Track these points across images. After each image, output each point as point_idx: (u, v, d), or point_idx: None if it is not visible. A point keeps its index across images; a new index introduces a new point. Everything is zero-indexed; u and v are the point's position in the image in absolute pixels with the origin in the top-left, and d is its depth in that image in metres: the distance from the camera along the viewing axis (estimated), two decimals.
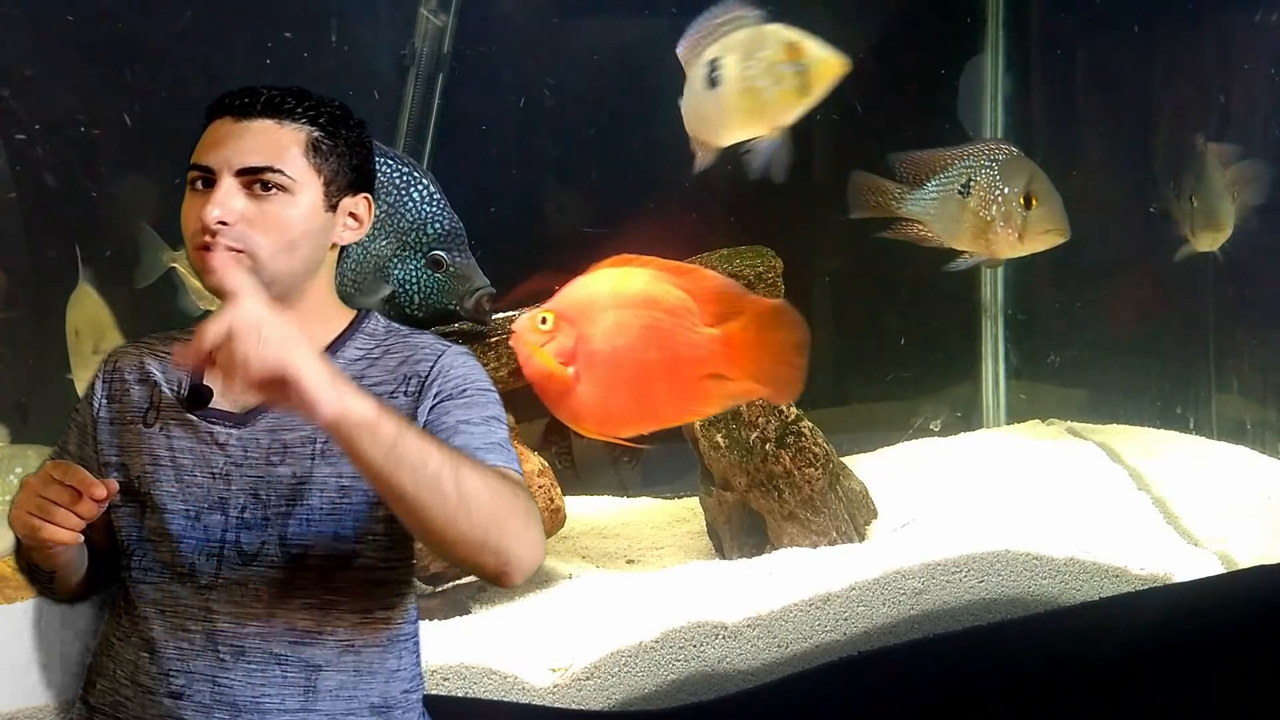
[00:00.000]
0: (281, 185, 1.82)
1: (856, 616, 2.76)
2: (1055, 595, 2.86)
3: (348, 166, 1.90)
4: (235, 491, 1.80)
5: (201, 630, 1.78)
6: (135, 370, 1.93)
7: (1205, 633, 2.81)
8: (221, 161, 1.81)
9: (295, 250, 1.84)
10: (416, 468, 1.55)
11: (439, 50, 4.22)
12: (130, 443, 1.88)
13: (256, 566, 1.78)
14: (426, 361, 1.88)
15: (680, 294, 2.80)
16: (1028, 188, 3.47)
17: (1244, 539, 3.26)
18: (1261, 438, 4.03)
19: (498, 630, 2.80)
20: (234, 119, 1.84)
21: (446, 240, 2.92)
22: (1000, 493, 3.60)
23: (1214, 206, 3.76)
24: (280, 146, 1.83)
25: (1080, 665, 2.74)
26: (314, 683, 1.78)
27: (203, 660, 1.77)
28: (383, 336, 1.94)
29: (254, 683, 1.77)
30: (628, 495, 4.10)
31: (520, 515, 1.67)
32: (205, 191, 1.81)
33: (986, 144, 3.63)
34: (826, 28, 2.98)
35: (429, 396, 1.85)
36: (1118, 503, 3.56)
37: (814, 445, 3.31)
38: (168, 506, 1.81)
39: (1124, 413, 4.38)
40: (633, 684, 2.60)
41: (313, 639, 1.79)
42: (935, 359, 4.80)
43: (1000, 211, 3.47)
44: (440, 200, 2.93)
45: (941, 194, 3.58)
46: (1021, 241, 3.50)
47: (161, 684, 1.77)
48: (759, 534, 3.33)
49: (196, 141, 1.88)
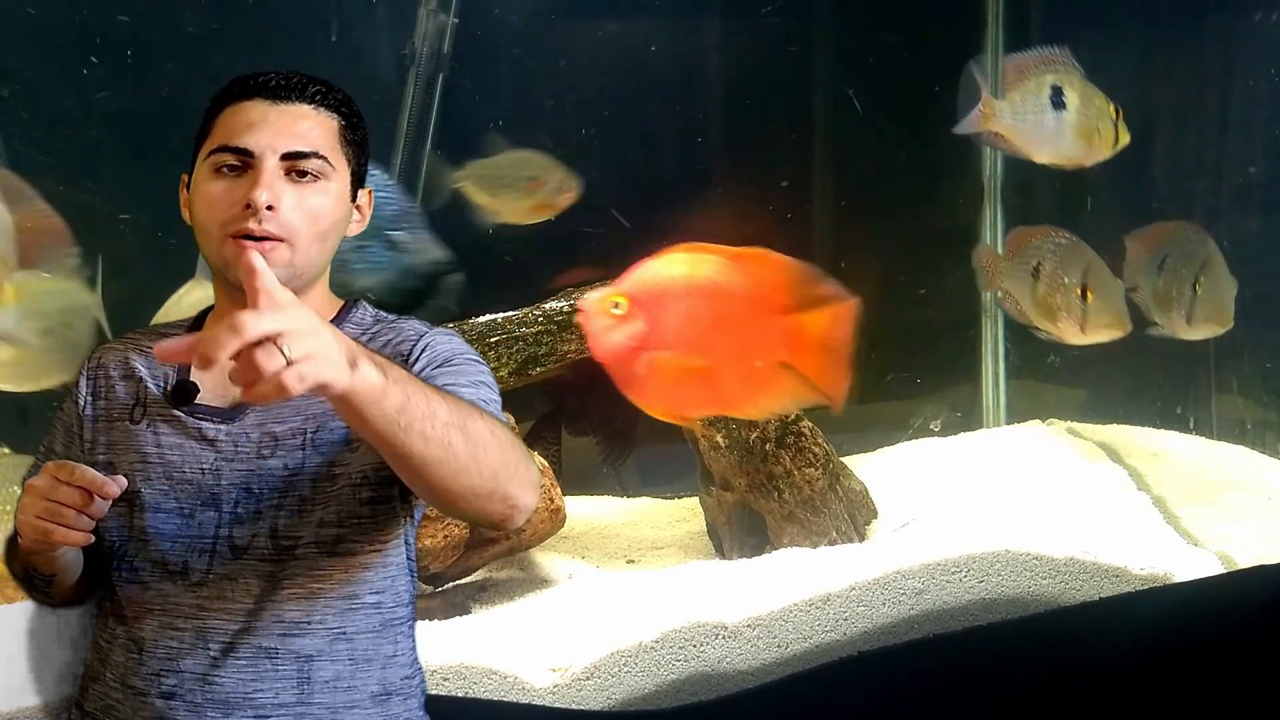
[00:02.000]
0: (322, 173, 1.78)
1: (856, 616, 2.76)
2: (1055, 595, 2.86)
3: (363, 158, 1.89)
4: (227, 487, 1.77)
5: (191, 628, 1.74)
6: (120, 367, 1.89)
7: (1205, 633, 2.81)
8: (264, 145, 1.74)
9: (326, 240, 1.81)
10: (426, 429, 1.50)
11: (439, 50, 4.21)
12: (117, 441, 1.84)
13: (247, 559, 1.75)
14: (410, 341, 1.85)
15: (750, 283, 2.80)
16: (1084, 279, 3.44)
17: (1244, 539, 3.26)
18: (1261, 438, 4.02)
19: (498, 630, 2.80)
20: (269, 101, 1.78)
21: (400, 220, 2.95)
22: (1000, 493, 3.60)
23: (1221, 298, 3.57)
24: (321, 133, 1.79)
25: (1080, 665, 2.74)
26: (308, 674, 1.75)
27: (193, 659, 1.73)
28: (370, 324, 1.91)
29: (245, 679, 1.73)
30: (628, 495, 4.10)
31: (522, 456, 1.64)
32: (236, 175, 1.75)
33: (1052, 230, 3.61)
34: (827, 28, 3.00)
35: (413, 371, 1.78)
36: (1118, 503, 3.56)
37: (814, 445, 3.31)
38: (160, 505, 1.78)
39: (1124, 413, 4.37)
40: (633, 684, 2.60)
41: (302, 629, 1.75)
42: (935, 359, 4.80)
43: (1064, 301, 3.47)
44: (390, 184, 2.98)
45: (1019, 273, 3.61)
46: (1084, 333, 3.48)
47: (152, 685, 1.74)
48: (759, 534, 3.33)
49: (206, 123, 1.82)
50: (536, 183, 3.61)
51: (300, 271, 1.78)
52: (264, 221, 1.72)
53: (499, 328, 3.21)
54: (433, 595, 3.02)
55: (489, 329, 3.22)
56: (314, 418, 1.79)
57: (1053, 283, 3.47)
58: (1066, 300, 3.45)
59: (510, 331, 3.20)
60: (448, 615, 2.95)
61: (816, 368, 2.79)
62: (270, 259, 1.71)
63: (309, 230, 1.76)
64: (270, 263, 1.68)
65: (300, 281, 1.78)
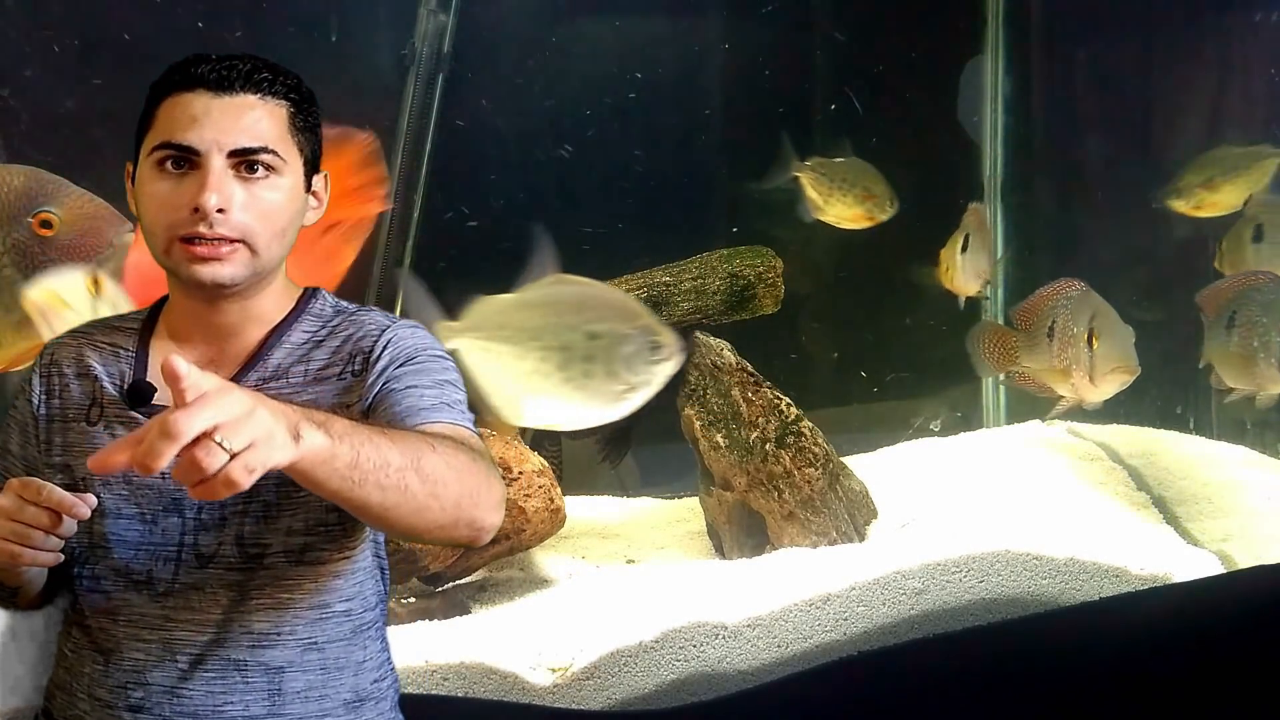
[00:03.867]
0: (273, 167, 1.68)
1: (856, 616, 2.76)
2: (1055, 595, 2.86)
3: (316, 142, 1.78)
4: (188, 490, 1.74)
5: (158, 639, 1.68)
6: (74, 364, 1.79)
7: (1205, 633, 2.81)
8: (209, 141, 1.65)
9: (285, 237, 1.72)
10: (380, 479, 1.45)
11: (439, 50, 4.22)
12: (73, 443, 1.74)
13: (214, 569, 1.69)
14: (371, 337, 1.76)
15: None
16: (1090, 324, 3.32)
17: (1244, 539, 3.26)
18: (1261, 438, 4.03)
19: (498, 630, 2.80)
20: (211, 93, 1.67)
21: None
22: (1000, 493, 3.60)
23: None
24: (269, 125, 1.69)
25: (1080, 665, 2.74)
26: (278, 686, 1.69)
27: (161, 671, 1.68)
28: (330, 317, 1.82)
29: (214, 691, 1.67)
30: (628, 495, 4.10)
31: (483, 479, 1.58)
32: (180, 173, 1.66)
33: (1064, 283, 3.47)
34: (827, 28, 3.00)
35: (374, 370, 1.72)
36: (1118, 503, 3.56)
37: (814, 445, 3.31)
38: (121, 511, 1.70)
39: (1124, 413, 4.37)
40: (633, 684, 2.60)
41: (271, 641, 1.69)
42: (935, 359, 4.80)
43: (1073, 354, 3.33)
44: None
45: (1034, 339, 3.47)
46: (1094, 384, 3.32)
47: (119, 697, 1.68)
48: (759, 534, 3.32)
49: (148, 112, 1.71)
50: (868, 194, 3.78)
51: (261, 270, 1.71)
52: (215, 225, 1.64)
53: None
54: (433, 595, 3.02)
55: None
56: None
57: (1064, 336, 3.35)
58: (1076, 352, 3.32)
59: None
60: (448, 615, 2.95)
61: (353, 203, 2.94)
62: (230, 261, 1.66)
63: (265, 229, 1.68)
64: (230, 265, 1.66)
65: (262, 278, 1.73)
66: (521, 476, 3.04)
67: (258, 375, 1.73)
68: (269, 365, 1.75)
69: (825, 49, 4.70)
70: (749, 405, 3.30)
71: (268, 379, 1.73)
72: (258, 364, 1.75)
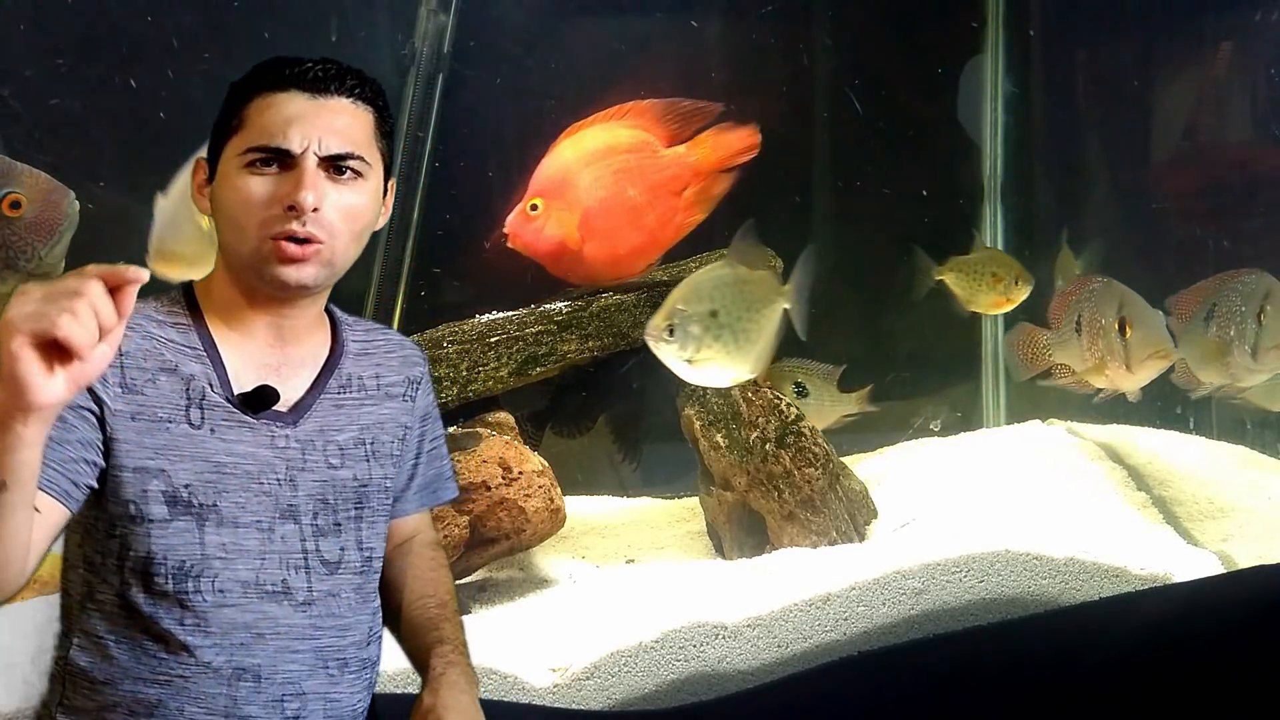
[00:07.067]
0: (359, 172, 1.71)
1: (856, 616, 2.76)
2: (1055, 595, 2.86)
3: (393, 149, 1.82)
4: (303, 498, 1.71)
5: (310, 649, 1.70)
6: (153, 359, 1.67)
7: (1205, 633, 2.81)
8: (305, 143, 1.66)
9: (361, 240, 1.75)
10: None
11: (439, 50, 4.22)
12: (170, 445, 1.65)
13: (343, 574, 1.74)
14: (418, 366, 1.91)
15: (634, 131, 3.21)
16: (1120, 314, 3.33)
17: (1244, 539, 3.26)
18: (1261, 438, 4.02)
19: (498, 630, 2.80)
20: (308, 94, 1.69)
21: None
22: (1000, 493, 3.60)
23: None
24: (360, 130, 1.71)
25: (1080, 665, 2.74)
26: (370, 680, 1.81)
27: (315, 679, 1.70)
28: (362, 335, 1.87)
29: (354, 691, 1.76)
30: (628, 495, 4.10)
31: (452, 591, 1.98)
32: (272, 172, 1.67)
33: (1086, 280, 3.52)
34: (827, 28, 3.02)
35: (420, 407, 1.90)
36: (1118, 503, 3.56)
37: (814, 445, 3.31)
38: (239, 520, 1.67)
39: (1124, 413, 4.37)
40: (633, 684, 2.60)
41: (376, 637, 1.83)
42: (935, 359, 4.80)
43: (1105, 345, 3.35)
44: None
45: (1063, 336, 3.50)
46: (1132, 372, 3.33)
47: (275, 712, 1.67)
48: (759, 534, 3.32)
49: (234, 109, 1.71)
50: (996, 278, 3.94)
51: (337, 270, 1.73)
52: (308, 223, 1.66)
53: (499, 328, 3.21)
54: None
55: (489, 329, 3.22)
56: (368, 428, 1.81)
57: (1092, 329, 3.37)
58: (1108, 343, 3.33)
59: (510, 331, 3.20)
60: None
61: (712, 183, 3.25)
62: (312, 262, 1.68)
63: (347, 229, 1.70)
64: (311, 266, 1.68)
65: (330, 282, 1.75)
66: (521, 477, 3.04)
67: (337, 383, 1.80)
68: (343, 373, 1.81)
69: (825, 49, 4.70)
70: (749, 405, 3.30)
71: (344, 386, 1.80)
72: (334, 371, 1.80)
